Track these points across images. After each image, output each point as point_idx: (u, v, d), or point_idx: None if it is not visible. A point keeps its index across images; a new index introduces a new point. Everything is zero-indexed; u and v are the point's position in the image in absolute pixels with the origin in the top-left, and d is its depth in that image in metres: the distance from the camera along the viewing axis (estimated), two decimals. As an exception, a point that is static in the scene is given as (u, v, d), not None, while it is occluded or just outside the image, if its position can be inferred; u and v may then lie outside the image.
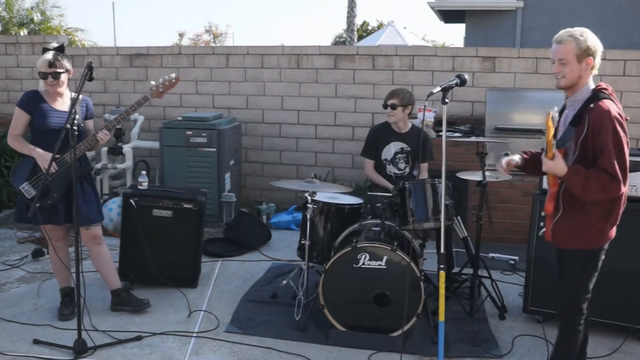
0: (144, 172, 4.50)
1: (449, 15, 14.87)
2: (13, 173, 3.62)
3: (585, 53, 2.60)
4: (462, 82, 2.93)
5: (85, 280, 3.31)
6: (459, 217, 4.23)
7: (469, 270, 4.03)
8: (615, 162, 2.48)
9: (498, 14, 12.54)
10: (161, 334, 3.59)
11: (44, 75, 3.57)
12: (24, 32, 15.68)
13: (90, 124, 3.80)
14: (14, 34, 15.09)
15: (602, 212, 2.62)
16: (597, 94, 2.61)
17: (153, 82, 3.74)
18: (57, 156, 3.47)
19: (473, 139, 5.53)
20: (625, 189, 2.54)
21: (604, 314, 3.55)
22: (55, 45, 3.65)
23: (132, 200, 4.17)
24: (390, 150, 4.56)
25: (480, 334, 3.55)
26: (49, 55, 3.56)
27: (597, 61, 2.65)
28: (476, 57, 6.11)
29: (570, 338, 2.75)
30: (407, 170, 4.58)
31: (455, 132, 5.74)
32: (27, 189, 3.55)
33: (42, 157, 3.49)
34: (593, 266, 2.69)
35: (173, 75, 3.75)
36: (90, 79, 3.37)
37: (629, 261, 3.46)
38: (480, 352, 3.40)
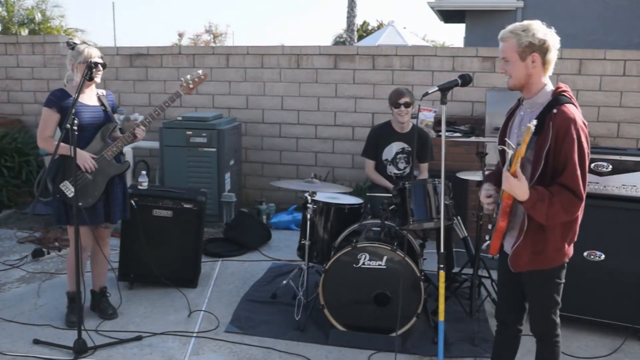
0: (144, 172, 4.50)
1: (449, 15, 14.87)
2: (48, 173, 3.52)
3: (529, 49, 2.34)
4: (465, 82, 2.75)
5: (86, 281, 3.31)
6: (459, 217, 4.23)
7: (469, 270, 4.04)
8: (580, 179, 2.24)
9: (498, 14, 12.53)
10: (161, 334, 3.60)
11: (95, 65, 3.41)
12: (24, 31, 15.67)
13: (116, 117, 3.78)
14: (14, 32, 15.08)
15: (560, 231, 2.37)
16: (558, 98, 2.34)
17: (183, 79, 3.75)
18: (94, 156, 3.48)
19: (473, 139, 5.54)
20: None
21: (604, 314, 3.56)
22: (77, 41, 3.59)
23: (132, 201, 4.17)
24: (392, 150, 4.56)
25: (480, 334, 3.55)
26: (93, 47, 3.51)
27: (550, 57, 2.37)
28: (476, 57, 6.12)
29: (555, 350, 2.62)
30: (407, 170, 4.58)
31: (455, 132, 5.74)
32: (68, 188, 3.47)
33: (82, 156, 3.42)
34: (559, 281, 2.48)
35: (200, 71, 3.77)
36: (90, 78, 3.37)
37: (629, 261, 3.46)
38: (480, 352, 3.40)
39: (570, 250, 2.46)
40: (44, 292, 4.20)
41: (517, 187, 2.25)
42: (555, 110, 2.28)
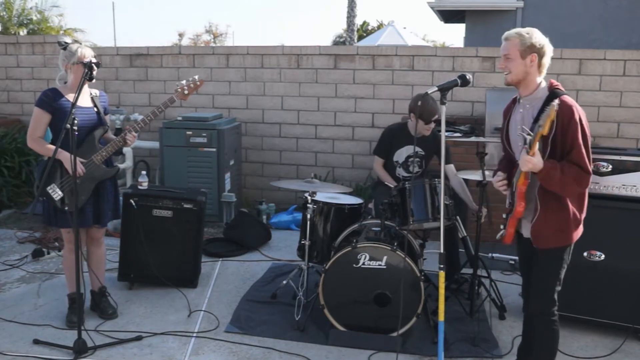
0: (144, 172, 4.50)
1: (449, 15, 14.88)
2: (38, 174, 3.49)
3: (529, 50, 2.63)
4: (464, 83, 2.80)
5: (85, 281, 3.31)
6: (458, 217, 4.22)
7: (469, 270, 4.03)
8: (585, 156, 2.55)
9: (498, 14, 12.54)
10: (161, 334, 3.60)
11: (96, 65, 3.32)
12: (23, 32, 15.68)
13: (107, 119, 3.71)
14: (13, 33, 15.09)
15: (578, 205, 2.67)
16: (554, 92, 2.64)
17: (178, 84, 3.73)
18: (83, 161, 3.43)
19: (473, 139, 5.53)
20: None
21: (604, 314, 3.56)
22: (69, 40, 3.51)
23: (132, 200, 4.17)
24: (402, 153, 4.51)
25: (480, 334, 3.55)
26: (86, 47, 3.45)
27: (545, 61, 2.68)
28: (476, 57, 6.12)
29: (554, 331, 2.76)
30: (420, 173, 4.51)
31: (455, 132, 5.74)
32: (55, 191, 3.45)
33: (69, 160, 3.30)
34: (568, 259, 2.73)
35: (197, 77, 3.76)
36: (90, 78, 3.33)
37: (629, 261, 3.46)
38: (480, 352, 3.40)
39: (579, 231, 2.71)
40: (44, 292, 4.20)
41: (534, 162, 2.51)
42: (557, 101, 2.50)
